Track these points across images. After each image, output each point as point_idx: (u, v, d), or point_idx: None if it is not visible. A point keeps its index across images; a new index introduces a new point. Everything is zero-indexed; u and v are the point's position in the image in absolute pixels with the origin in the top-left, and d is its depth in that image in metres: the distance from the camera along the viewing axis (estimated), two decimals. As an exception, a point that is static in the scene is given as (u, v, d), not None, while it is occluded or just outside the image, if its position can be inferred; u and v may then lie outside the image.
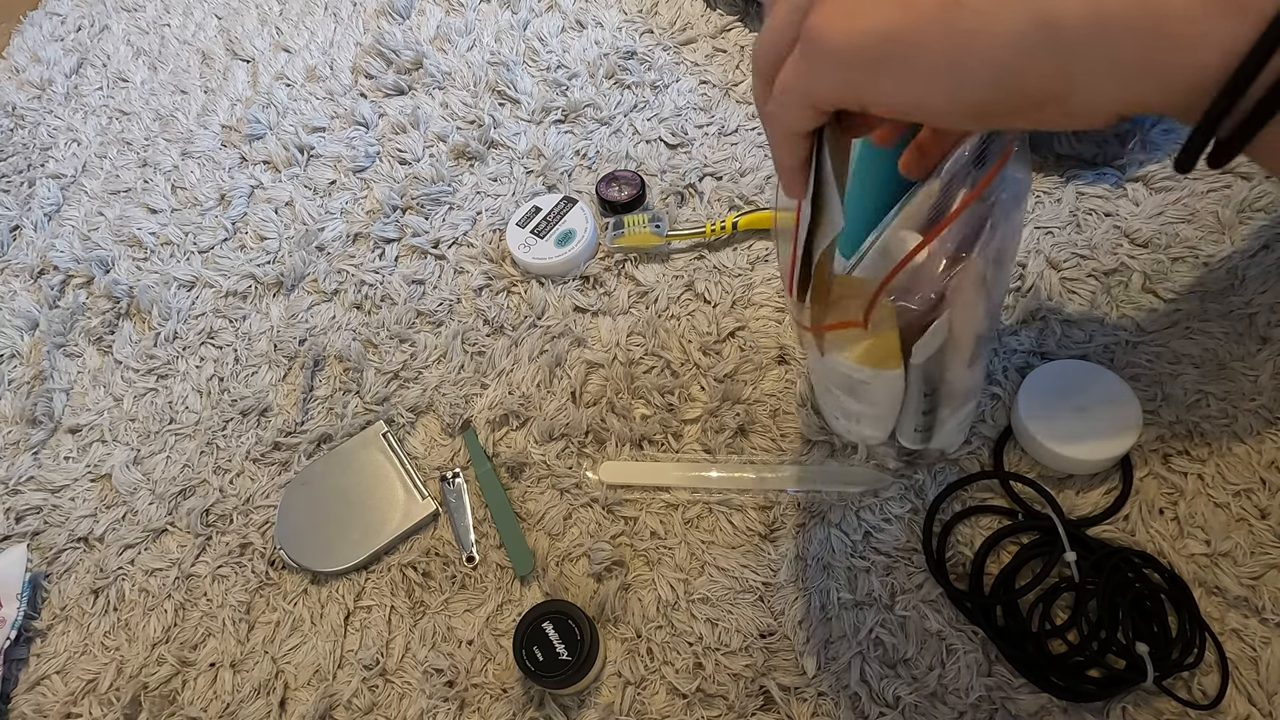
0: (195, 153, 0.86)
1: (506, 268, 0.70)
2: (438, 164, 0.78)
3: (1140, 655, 0.45)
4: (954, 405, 0.46)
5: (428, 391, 0.65)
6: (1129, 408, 0.51)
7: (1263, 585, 0.47)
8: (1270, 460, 0.51)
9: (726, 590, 0.53)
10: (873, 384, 0.44)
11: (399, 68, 0.86)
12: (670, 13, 0.84)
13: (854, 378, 0.44)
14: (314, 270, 0.74)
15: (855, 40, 0.26)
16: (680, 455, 0.58)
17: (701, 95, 0.77)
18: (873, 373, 0.42)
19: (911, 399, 0.45)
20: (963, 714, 0.47)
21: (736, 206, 0.70)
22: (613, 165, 0.74)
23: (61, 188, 0.87)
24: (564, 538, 0.57)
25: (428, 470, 0.61)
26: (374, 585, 0.57)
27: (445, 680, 0.53)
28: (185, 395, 0.69)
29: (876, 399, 0.46)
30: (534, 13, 0.89)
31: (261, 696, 0.55)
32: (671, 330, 0.64)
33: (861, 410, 0.48)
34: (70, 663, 0.58)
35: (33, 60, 1.02)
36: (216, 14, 1.01)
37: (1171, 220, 0.60)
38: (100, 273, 0.78)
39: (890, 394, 0.45)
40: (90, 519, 0.64)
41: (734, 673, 0.50)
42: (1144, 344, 0.56)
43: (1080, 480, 0.52)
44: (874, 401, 0.46)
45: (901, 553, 0.52)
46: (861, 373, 0.43)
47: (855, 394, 0.46)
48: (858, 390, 0.45)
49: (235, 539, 0.61)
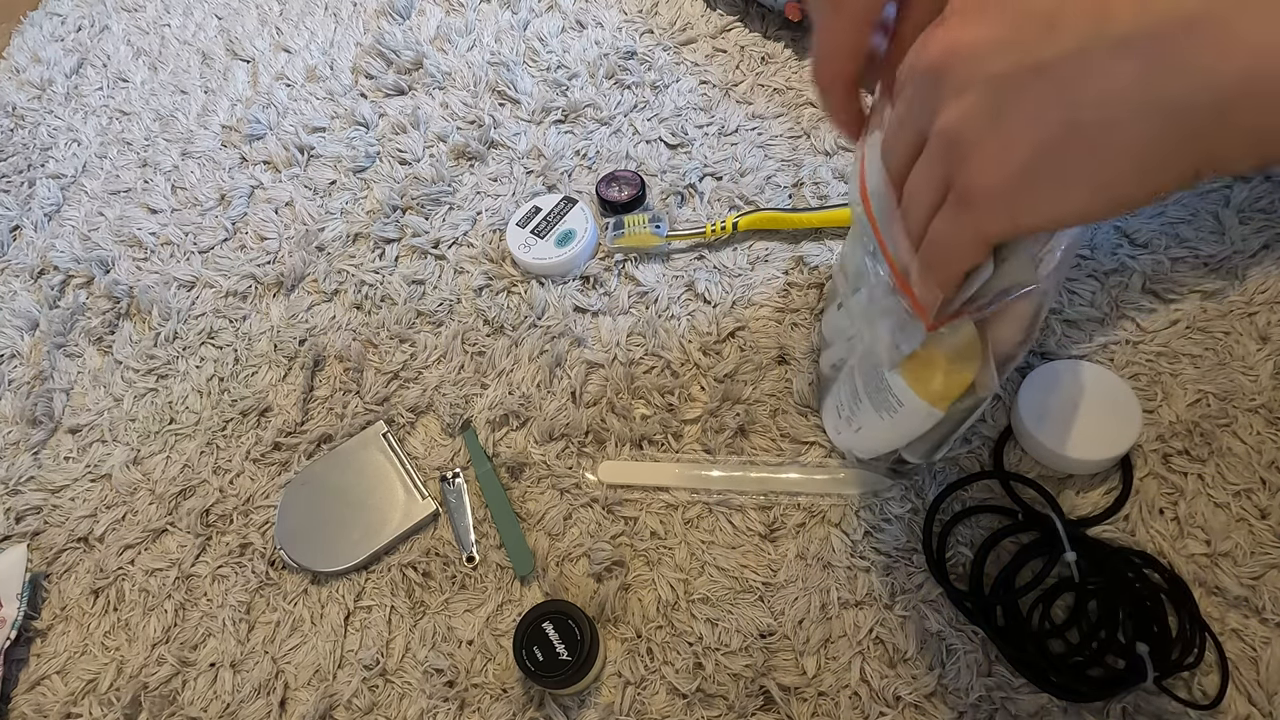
0: (195, 153, 0.86)
1: (506, 268, 0.70)
2: (438, 164, 0.78)
3: (1140, 655, 0.45)
4: (970, 428, 0.46)
5: (428, 391, 0.65)
6: (1129, 408, 0.51)
7: (1263, 585, 0.47)
8: (1270, 460, 0.51)
9: (726, 590, 0.53)
10: (906, 410, 0.42)
11: (399, 68, 0.86)
12: (670, 13, 0.85)
13: (897, 397, 0.42)
14: (314, 270, 0.74)
15: (1012, 178, 0.27)
16: (680, 455, 0.58)
17: (701, 95, 0.77)
18: (923, 406, 0.40)
19: (942, 429, 0.44)
20: (963, 714, 0.47)
21: (736, 206, 0.70)
22: (613, 165, 0.75)
23: (61, 188, 0.87)
24: (564, 538, 0.57)
25: (428, 470, 0.61)
26: (374, 585, 0.57)
27: (445, 680, 0.53)
28: (185, 395, 0.69)
29: (902, 426, 0.44)
30: (534, 13, 0.89)
31: (261, 696, 0.55)
32: (671, 330, 0.64)
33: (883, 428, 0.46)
34: (70, 663, 0.58)
35: (33, 60, 1.02)
36: (216, 14, 1.01)
37: (1171, 220, 0.60)
38: (100, 273, 0.78)
39: (920, 427, 0.43)
40: (90, 519, 0.64)
41: (734, 673, 0.50)
42: (1144, 344, 0.56)
43: (1080, 480, 0.52)
44: (896, 425, 0.44)
45: (901, 553, 0.52)
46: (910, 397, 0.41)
47: (882, 410, 0.44)
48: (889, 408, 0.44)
49: (235, 539, 0.61)
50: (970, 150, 0.28)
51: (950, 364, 0.38)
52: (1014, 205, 0.28)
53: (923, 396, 0.40)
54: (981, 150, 0.27)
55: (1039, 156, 0.26)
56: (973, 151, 0.28)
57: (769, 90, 0.76)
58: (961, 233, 0.30)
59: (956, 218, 0.30)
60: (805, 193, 0.69)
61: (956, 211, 0.30)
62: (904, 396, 0.41)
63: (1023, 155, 0.26)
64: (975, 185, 0.28)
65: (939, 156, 0.29)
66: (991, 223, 0.29)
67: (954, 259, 0.31)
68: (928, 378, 0.39)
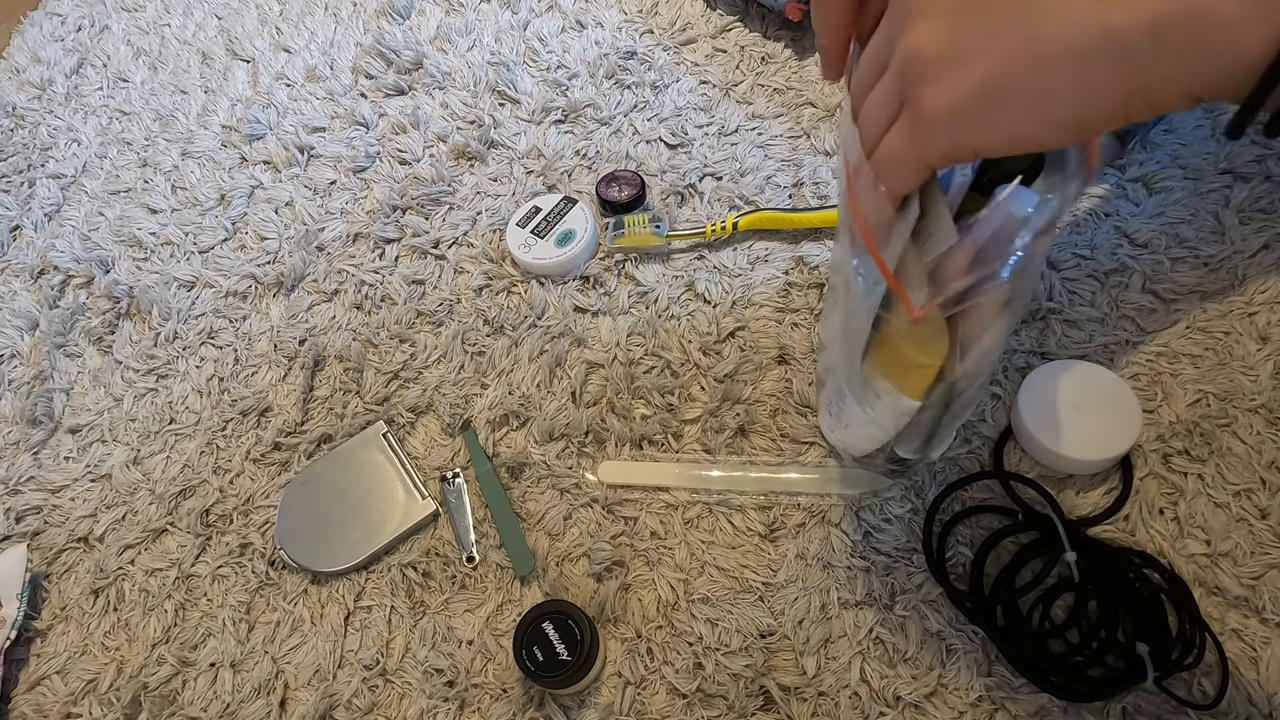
0: (195, 153, 0.86)
1: (506, 268, 0.70)
2: (438, 164, 0.78)
3: (1140, 655, 0.45)
4: (958, 420, 0.46)
5: (428, 391, 0.65)
6: (1129, 408, 0.51)
7: (1263, 585, 0.47)
8: (1270, 460, 0.51)
9: (726, 590, 0.53)
10: (884, 402, 0.43)
11: (399, 68, 0.86)
12: (670, 13, 0.85)
13: (874, 389, 0.43)
14: (314, 270, 0.74)
15: (960, 100, 0.29)
16: (680, 455, 0.58)
17: (701, 95, 0.77)
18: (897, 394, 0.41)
19: (925, 419, 0.44)
20: (963, 714, 0.47)
21: (736, 206, 0.70)
22: (613, 165, 0.75)
23: (62, 188, 0.87)
24: (564, 538, 0.57)
25: (428, 470, 0.61)
26: (374, 585, 0.57)
27: (445, 680, 0.53)
28: (185, 395, 0.69)
29: (883, 418, 0.44)
30: (534, 13, 0.89)
31: (261, 696, 0.55)
32: (671, 330, 0.64)
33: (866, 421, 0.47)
34: (70, 663, 0.58)
35: (33, 60, 1.02)
36: (216, 14, 1.01)
37: (1171, 220, 0.60)
38: (100, 273, 0.78)
39: (901, 418, 0.43)
40: (90, 519, 0.64)
41: (734, 673, 0.50)
42: (1144, 344, 0.56)
43: (1080, 480, 0.52)
44: (875, 419, 0.45)
45: (901, 553, 0.52)
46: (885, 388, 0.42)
47: (864, 404, 0.45)
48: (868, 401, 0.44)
49: (235, 539, 0.61)
50: (927, 68, 0.29)
51: (917, 353, 0.39)
52: (956, 124, 0.29)
53: (896, 386, 0.41)
54: (938, 68, 0.29)
55: (995, 70, 0.28)
56: (930, 69, 0.29)
57: (769, 90, 0.76)
58: (908, 149, 0.32)
59: (904, 133, 0.31)
60: (805, 193, 0.69)
61: (905, 128, 0.31)
62: (879, 387, 0.42)
63: (980, 69, 0.28)
64: (926, 103, 0.30)
65: (896, 73, 0.31)
66: (932, 142, 0.30)
67: (899, 173, 0.33)
68: (899, 367, 0.40)
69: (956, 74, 0.29)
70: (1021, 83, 0.28)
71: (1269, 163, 0.61)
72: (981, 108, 0.29)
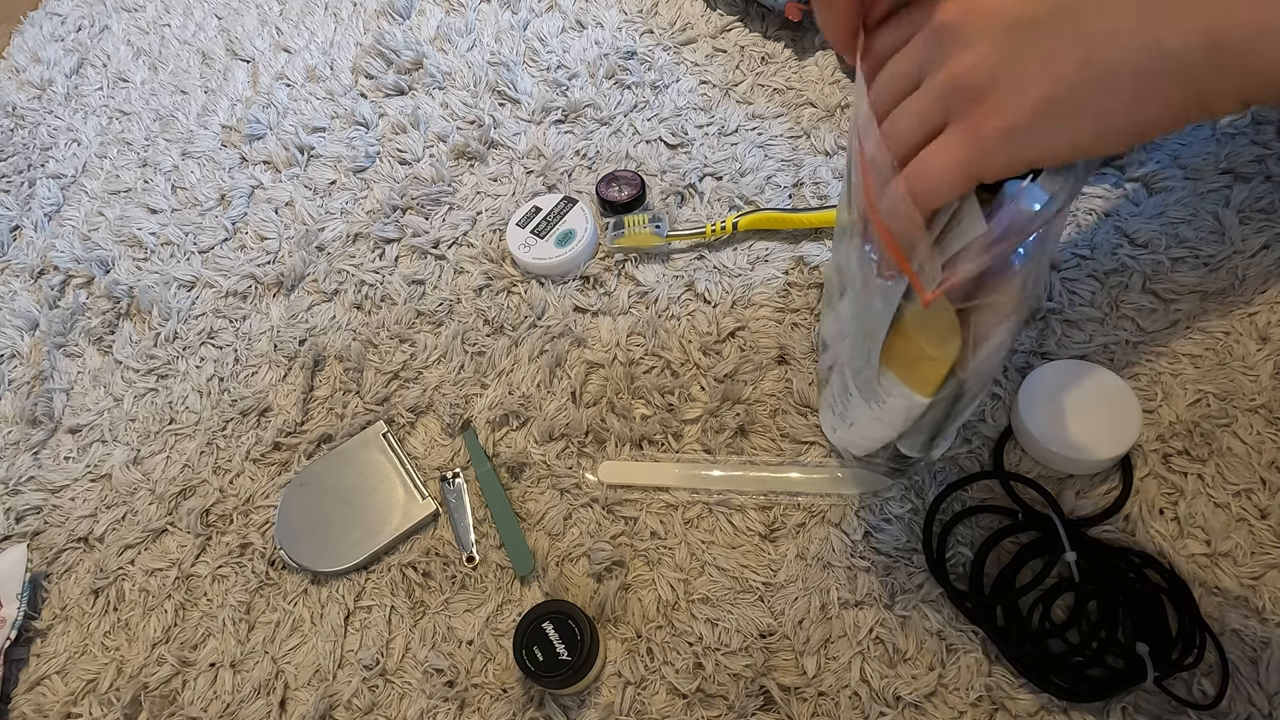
0: (195, 153, 0.86)
1: (506, 268, 0.70)
2: (438, 164, 0.78)
3: (1140, 655, 0.45)
4: (961, 418, 0.46)
5: (428, 391, 0.65)
6: (1129, 408, 0.51)
7: (1263, 585, 0.47)
8: (1270, 460, 0.51)
9: (726, 590, 0.53)
10: (893, 400, 0.42)
11: (399, 68, 0.86)
12: (670, 13, 0.85)
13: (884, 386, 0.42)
14: (314, 270, 0.74)
15: (1020, 121, 0.30)
16: (680, 455, 0.58)
17: (701, 95, 0.77)
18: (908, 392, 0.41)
19: (931, 417, 0.44)
20: (963, 714, 0.47)
21: (736, 206, 0.70)
22: (613, 165, 0.75)
23: (61, 188, 0.87)
24: (564, 538, 0.57)
25: (428, 470, 0.61)
26: (374, 585, 0.57)
27: (445, 680, 0.53)
28: (185, 395, 0.69)
29: (891, 416, 0.44)
30: (534, 13, 0.89)
31: (261, 696, 0.55)
32: (671, 330, 0.64)
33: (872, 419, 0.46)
34: (70, 663, 0.58)
35: (33, 60, 1.02)
36: (216, 14, 1.01)
37: (1171, 220, 0.60)
38: (100, 273, 0.78)
39: (909, 416, 0.43)
40: (90, 519, 0.64)
41: (734, 673, 0.50)
42: (1144, 344, 0.56)
43: (1080, 480, 0.52)
44: (882, 416, 0.44)
45: (901, 553, 0.52)
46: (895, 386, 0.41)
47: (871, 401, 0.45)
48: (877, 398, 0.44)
49: (235, 539, 0.61)
50: (981, 93, 0.31)
51: (930, 347, 0.39)
52: (1019, 140, 0.30)
53: (906, 383, 0.41)
54: (995, 92, 0.30)
55: (1056, 91, 0.29)
56: (985, 94, 0.30)
57: (769, 90, 0.76)
58: (958, 168, 0.32)
59: (955, 152, 0.32)
60: (805, 193, 0.69)
61: (957, 147, 0.32)
62: (889, 385, 0.42)
63: (1040, 92, 0.29)
64: (983, 124, 0.31)
65: (939, 96, 0.32)
66: (990, 160, 0.31)
67: (943, 188, 0.33)
68: (911, 364, 0.40)
69: (1015, 96, 0.30)
70: (1083, 102, 0.29)
71: (1269, 163, 0.61)
72: (1042, 126, 0.30)
